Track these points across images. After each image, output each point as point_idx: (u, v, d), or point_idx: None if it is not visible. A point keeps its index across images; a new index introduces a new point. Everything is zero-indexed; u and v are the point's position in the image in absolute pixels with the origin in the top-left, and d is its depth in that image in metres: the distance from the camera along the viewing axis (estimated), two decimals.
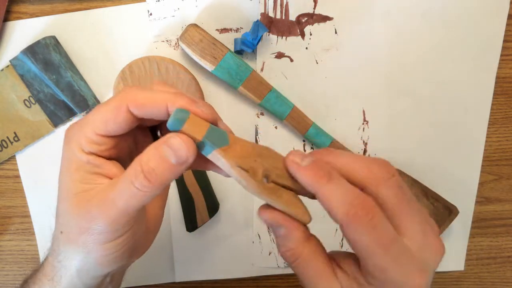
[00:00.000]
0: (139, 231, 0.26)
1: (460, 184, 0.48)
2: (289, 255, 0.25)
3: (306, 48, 0.44)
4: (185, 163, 0.22)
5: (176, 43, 0.44)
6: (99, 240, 0.24)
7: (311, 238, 0.26)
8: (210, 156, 0.23)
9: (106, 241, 0.24)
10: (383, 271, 0.23)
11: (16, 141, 0.45)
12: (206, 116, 0.23)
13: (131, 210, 0.23)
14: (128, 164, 0.23)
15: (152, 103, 0.23)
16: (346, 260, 0.26)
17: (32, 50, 0.41)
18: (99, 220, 0.23)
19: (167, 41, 0.44)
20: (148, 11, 0.43)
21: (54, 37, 0.42)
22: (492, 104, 0.47)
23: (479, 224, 0.50)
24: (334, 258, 0.26)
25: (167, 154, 0.22)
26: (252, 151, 0.24)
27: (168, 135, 0.23)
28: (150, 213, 0.29)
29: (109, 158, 0.25)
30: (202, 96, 0.44)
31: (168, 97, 0.23)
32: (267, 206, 0.25)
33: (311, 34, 0.44)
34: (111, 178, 0.24)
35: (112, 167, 0.25)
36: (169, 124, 0.22)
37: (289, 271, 0.50)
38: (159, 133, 0.29)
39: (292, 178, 0.25)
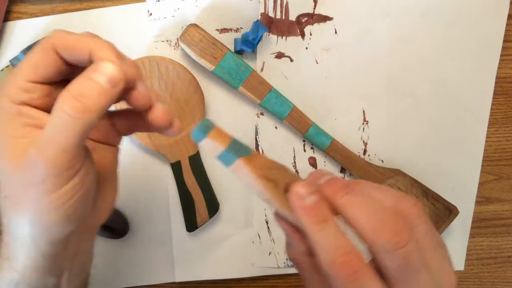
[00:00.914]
0: (87, 180, 0.24)
1: (460, 184, 0.48)
2: (291, 259, 0.27)
3: (306, 48, 0.44)
4: (117, 85, 0.22)
5: (176, 43, 0.44)
6: (44, 190, 0.22)
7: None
8: (233, 166, 0.23)
9: (52, 190, 0.22)
10: None
11: None
12: (128, 76, 0.23)
13: (70, 144, 0.21)
14: None
15: (78, 46, 0.23)
16: None
17: None
18: (38, 165, 0.21)
19: (167, 41, 0.44)
20: (148, 11, 0.43)
21: None
22: (492, 104, 0.47)
23: (479, 224, 0.50)
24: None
25: (97, 77, 0.21)
26: (273, 165, 0.24)
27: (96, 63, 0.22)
28: (101, 163, 0.27)
29: (45, 111, 0.23)
30: (202, 96, 0.44)
31: (94, 44, 0.22)
32: (280, 216, 0.25)
33: (311, 34, 0.44)
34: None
35: (46, 117, 0.23)
36: (193, 133, 0.22)
37: (289, 271, 0.50)
38: None
39: None
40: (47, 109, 0.23)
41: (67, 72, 0.24)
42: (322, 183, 0.24)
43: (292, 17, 0.43)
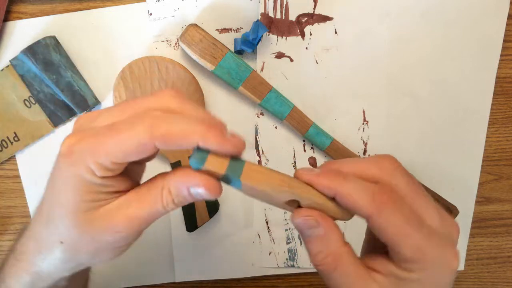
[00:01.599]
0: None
1: (460, 184, 0.48)
2: (330, 261, 0.24)
3: (306, 48, 0.44)
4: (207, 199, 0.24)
5: (176, 43, 0.44)
6: (113, 247, 0.25)
7: (346, 241, 0.25)
8: (242, 187, 0.24)
9: (118, 248, 0.25)
10: (421, 251, 0.23)
11: (16, 141, 0.45)
12: (232, 150, 0.23)
13: (150, 222, 0.24)
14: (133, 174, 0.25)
15: (183, 139, 0.22)
16: (377, 261, 0.25)
17: (32, 50, 0.41)
18: (122, 233, 0.24)
19: (167, 41, 0.44)
20: (148, 11, 0.43)
21: (54, 37, 0.42)
22: (492, 104, 0.47)
23: (479, 224, 0.50)
24: (365, 263, 0.26)
25: (196, 195, 0.23)
26: (272, 172, 0.24)
27: (193, 179, 0.23)
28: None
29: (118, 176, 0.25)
30: (202, 96, 0.44)
31: (199, 132, 0.22)
32: (303, 208, 0.25)
33: (311, 34, 0.44)
34: (121, 192, 0.25)
35: (122, 183, 0.24)
36: (191, 163, 0.23)
37: (289, 271, 0.50)
38: None
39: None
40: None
41: (154, 154, 0.25)
42: (317, 174, 0.25)
43: (292, 17, 0.43)
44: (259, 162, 0.47)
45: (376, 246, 0.26)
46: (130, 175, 0.25)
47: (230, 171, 0.23)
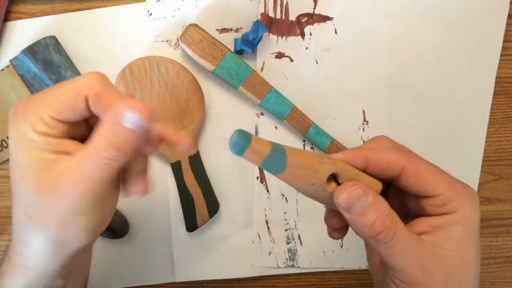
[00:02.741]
0: (112, 205, 0.27)
1: None
2: (389, 223, 0.24)
3: (306, 48, 0.44)
4: (144, 127, 0.23)
5: (176, 43, 0.44)
6: (73, 214, 0.24)
7: None
8: (287, 166, 0.23)
9: (81, 214, 0.24)
10: (454, 187, 0.26)
11: None
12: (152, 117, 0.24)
13: (107, 180, 0.24)
14: (83, 138, 0.25)
15: (114, 100, 0.24)
16: (416, 224, 0.26)
17: (32, 50, 0.41)
18: (74, 194, 0.24)
19: (167, 41, 0.44)
20: (148, 11, 0.43)
21: (54, 37, 0.42)
22: (492, 104, 0.47)
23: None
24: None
25: (128, 124, 0.23)
26: (308, 151, 0.25)
27: (122, 107, 0.23)
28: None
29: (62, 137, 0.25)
30: (202, 96, 0.44)
31: (127, 101, 0.23)
32: (343, 183, 0.25)
33: (311, 34, 0.44)
34: (68, 154, 0.25)
35: (68, 144, 0.25)
36: (234, 146, 0.22)
37: (289, 271, 0.50)
38: None
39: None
40: (65, 136, 0.25)
41: (87, 116, 0.25)
42: (345, 152, 0.26)
43: (292, 17, 0.43)
44: None
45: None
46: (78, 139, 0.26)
47: (275, 149, 0.22)
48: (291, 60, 0.45)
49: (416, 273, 0.25)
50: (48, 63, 0.41)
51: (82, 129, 0.27)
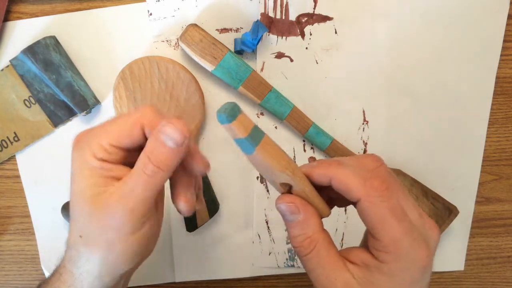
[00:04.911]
0: (156, 225, 0.28)
1: (460, 184, 0.48)
2: (306, 244, 0.26)
3: (306, 48, 0.44)
4: (183, 144, 0.25)
5: (176, 43, 0.44)
6: (120, 234, 0.26)
7: (325, 229, 0.27)
8: (253, 155, 0.24)
9: (128, 234, 0.26)
10: (397, 242, 0.24)
11: (16, 141, 0.45)
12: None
13: (147, 197, 0.26)
14: None
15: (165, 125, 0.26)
16: (353, 252, 0.27)
17: (32, 50, 0.41)
18: (120, 213, 0.25)
19: (167, 41, 0.44)
20: (148, 11, 0.43)
21: (54, 37, 0.42)
22: (492, 104, 0.47)
23: (479, 224, 0.50)
24: (341, 253, 0.27)
25: (165, 140, 0.25)
26: (283, 153, 0.26)
27: (161, 124, 0.25)
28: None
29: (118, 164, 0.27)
30: (202, 96, 0.44)
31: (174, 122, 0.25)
32: (287, 194, 0.27)
33: (311, 34, 0.44)
34: (120, 179, 0.26)
35: (121, 170, 0.27)
36: (221, 116, 0.23)
37: (289, 271, 0.50)
38: None
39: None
40: (121, 163, 0.27)
41: (142, 143, 0.27)
42: (313, 166, 0.27)
43: (292, 17, 0.43)
44: None
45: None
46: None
47: (251, 136, 0.23)
48: (291, 60, 0.45)
49: None
50: (48, 63, 0.41)
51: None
